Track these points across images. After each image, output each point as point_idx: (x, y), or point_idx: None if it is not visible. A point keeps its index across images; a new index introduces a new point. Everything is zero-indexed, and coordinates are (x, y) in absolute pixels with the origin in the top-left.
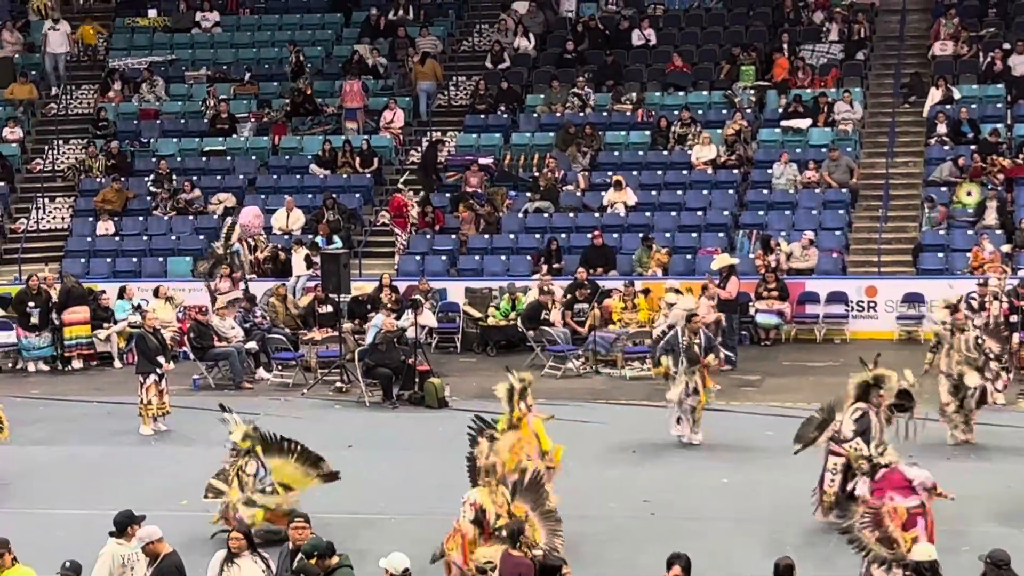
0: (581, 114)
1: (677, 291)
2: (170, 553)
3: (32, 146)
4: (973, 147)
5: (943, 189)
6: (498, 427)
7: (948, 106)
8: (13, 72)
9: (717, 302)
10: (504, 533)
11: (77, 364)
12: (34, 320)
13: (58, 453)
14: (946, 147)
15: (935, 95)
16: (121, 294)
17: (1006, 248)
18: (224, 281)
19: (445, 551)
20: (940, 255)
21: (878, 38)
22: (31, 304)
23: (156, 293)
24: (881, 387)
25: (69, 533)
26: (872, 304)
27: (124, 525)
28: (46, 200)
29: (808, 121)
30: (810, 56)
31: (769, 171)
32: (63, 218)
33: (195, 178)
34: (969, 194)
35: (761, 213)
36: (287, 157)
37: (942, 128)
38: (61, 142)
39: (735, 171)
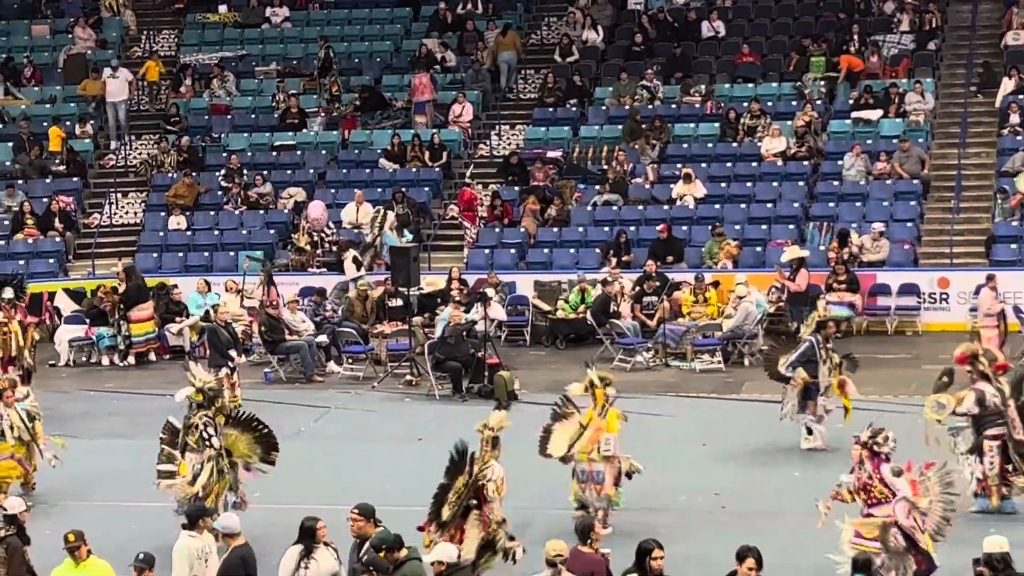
0: (650, 106)
1: (747, 284)
2: (240, 545)
3: (104, 142)
4: None
5: (1016, 179)
6: (585, 417)
7: (1021, 96)
8: (86, 68)
9: (787, 294)
10: (575, 529)
11: (151, 358)
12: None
13: (131, 446)
14: (1019, 137)
15: (1007, 85)
16: (209, 287)
17: None
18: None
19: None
20: (1013, 246)
21: (950, 28)
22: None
23: (227, 288)
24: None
25: (142, 526)
26: (944, 296)
27: (196, 518)
28: (119, 195)
29: (879, 112)
30: (882, 46)
31: (839, 162)
32: (135, 213)
33: (265, 172)
34: None
35: (832, 205)
36: (356, 151)
37: (1015, 118)
38: (133, 137)
39: (805, 163)
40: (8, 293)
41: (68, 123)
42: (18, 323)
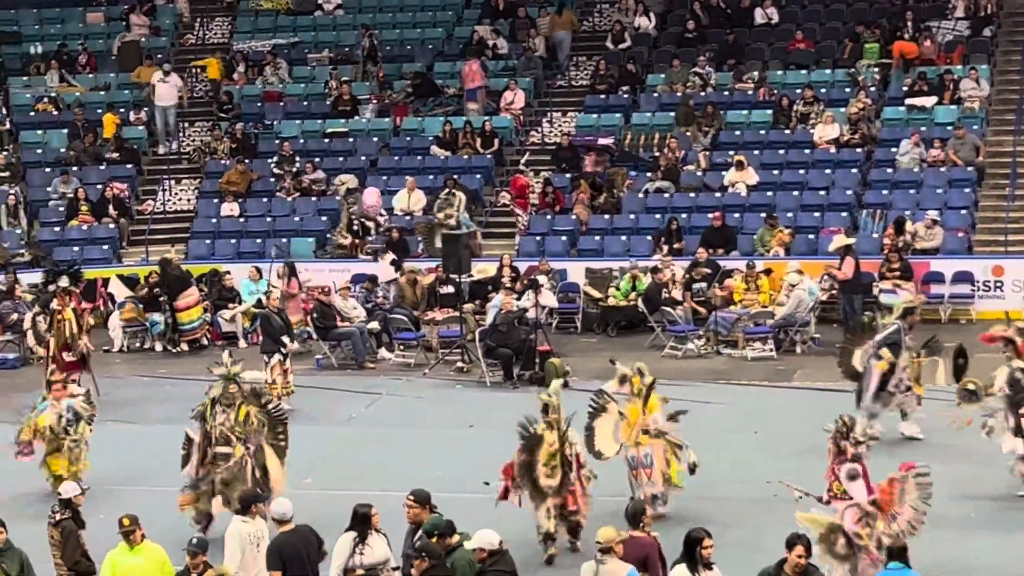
0: (702, 93)
1: (800, 272)
2: (284, 533)
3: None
4: None
5: None
6: (627, 406)
7: None
8: (140, 55)
9: (830, 282)
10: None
11: (204, 344)
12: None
13: (184, 432)
14: None
15: None
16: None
17: None
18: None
19: None
20: None
21: (1005, 14)
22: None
23: (279, 274)
24: None
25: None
26: (999, 284)
27: (248, 503)
28: (172, 182)
29: (933, 99)
30: (936, 32)
31: (893, 150)
32: (188, 200)
33: (317, 160)
34: None
35: (885, 192)
36: (408, 138)
37: None
38: (186, 124)
39: (858, 150)
40: (64, 282)
41: (122, 110)
42: (72, 310)
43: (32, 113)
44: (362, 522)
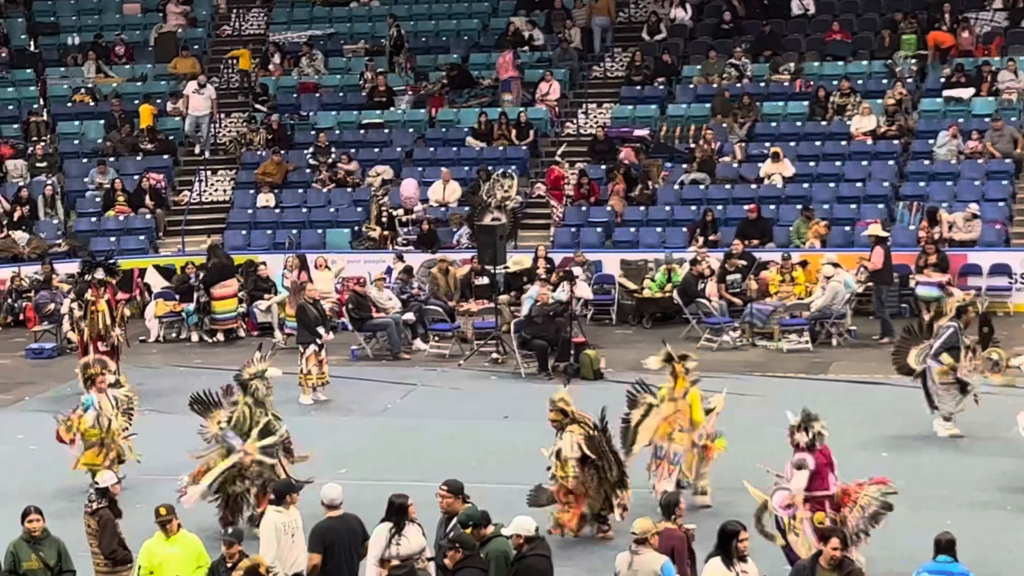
0: (738, 85)
1: (836, 265)
2: (329, 518)
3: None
4: None
5: None
6: (659, 394)
7: None
8: (176, 46)
9: (866, 274)
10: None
11: (240, 334)
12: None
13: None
14: None
15: None
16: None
17: None
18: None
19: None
20: None
21: None
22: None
23: (316, 264)
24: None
25: None
26: None
27: (283, 494)
28: (208, 173)
29: (971, 90)
30: (973, 24)
31: (931, 141)
32: (224, 190)
33: (353, 151)
34: None
35: (922, 184)
36: (444, 129)
37: None
38: (223, 115)
39: (895, 142)
40: (99, 273)
41: (158, 101)
42: (106, 302)
43: (69, 104)
44: (398, 512)
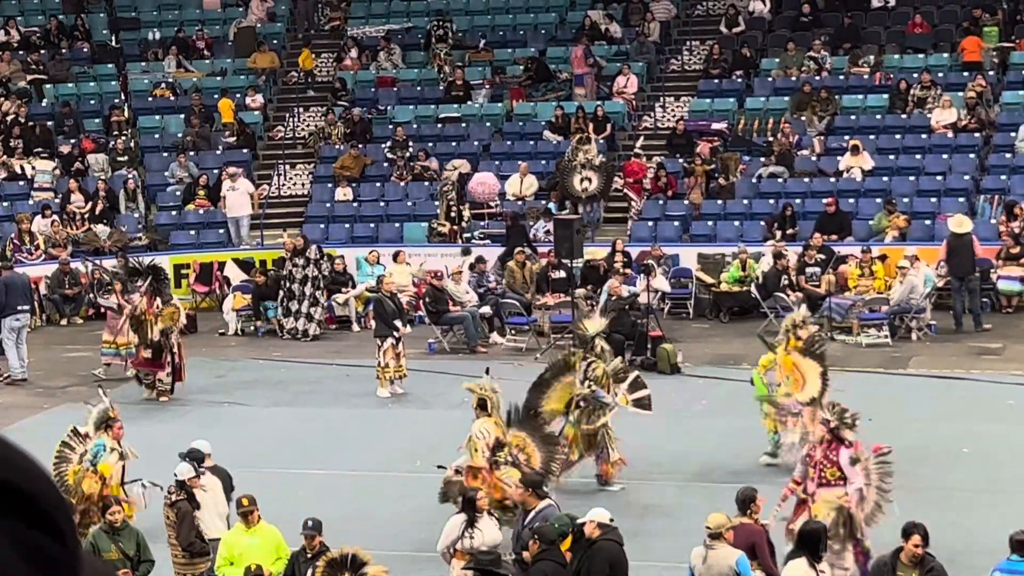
0: (817, 77)
1: (916, 258)
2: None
3: (273, 113)
4: None
5: None
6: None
7: None
8: (255, 41)
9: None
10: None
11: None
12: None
13: (298, 415)
14: None
15: None
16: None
17: None
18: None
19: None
20: None
21: None
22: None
23: (395, 258)
24: None
25: (310, 493)
26: None
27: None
28: (287, 167)
29: None
30: None
31: (1012, 135)
32: (303, 184)
33: (431, 145)
34: None
35: (1003, 178)
36: (521, 123)
37: None
38: (301, 109)
39: (976, 135)
40: (147, 282)
41: (238, 95)
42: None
43: (150, 99)
44: (470, 506)
